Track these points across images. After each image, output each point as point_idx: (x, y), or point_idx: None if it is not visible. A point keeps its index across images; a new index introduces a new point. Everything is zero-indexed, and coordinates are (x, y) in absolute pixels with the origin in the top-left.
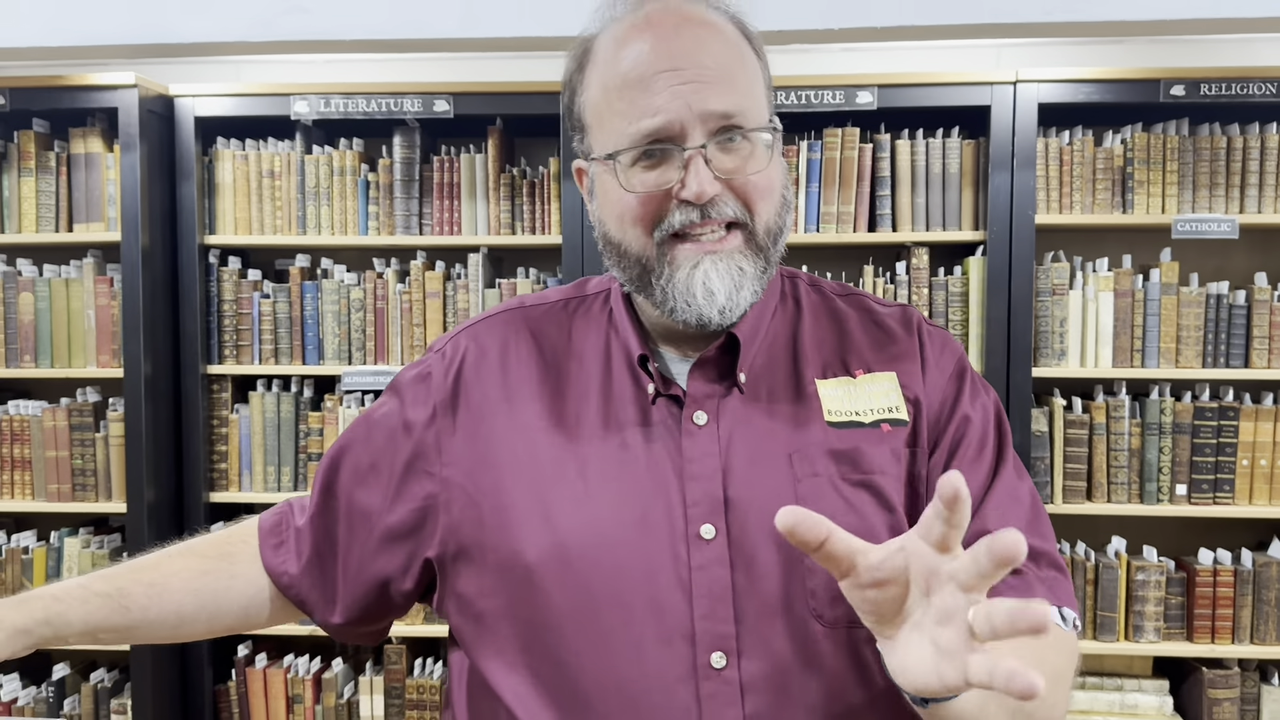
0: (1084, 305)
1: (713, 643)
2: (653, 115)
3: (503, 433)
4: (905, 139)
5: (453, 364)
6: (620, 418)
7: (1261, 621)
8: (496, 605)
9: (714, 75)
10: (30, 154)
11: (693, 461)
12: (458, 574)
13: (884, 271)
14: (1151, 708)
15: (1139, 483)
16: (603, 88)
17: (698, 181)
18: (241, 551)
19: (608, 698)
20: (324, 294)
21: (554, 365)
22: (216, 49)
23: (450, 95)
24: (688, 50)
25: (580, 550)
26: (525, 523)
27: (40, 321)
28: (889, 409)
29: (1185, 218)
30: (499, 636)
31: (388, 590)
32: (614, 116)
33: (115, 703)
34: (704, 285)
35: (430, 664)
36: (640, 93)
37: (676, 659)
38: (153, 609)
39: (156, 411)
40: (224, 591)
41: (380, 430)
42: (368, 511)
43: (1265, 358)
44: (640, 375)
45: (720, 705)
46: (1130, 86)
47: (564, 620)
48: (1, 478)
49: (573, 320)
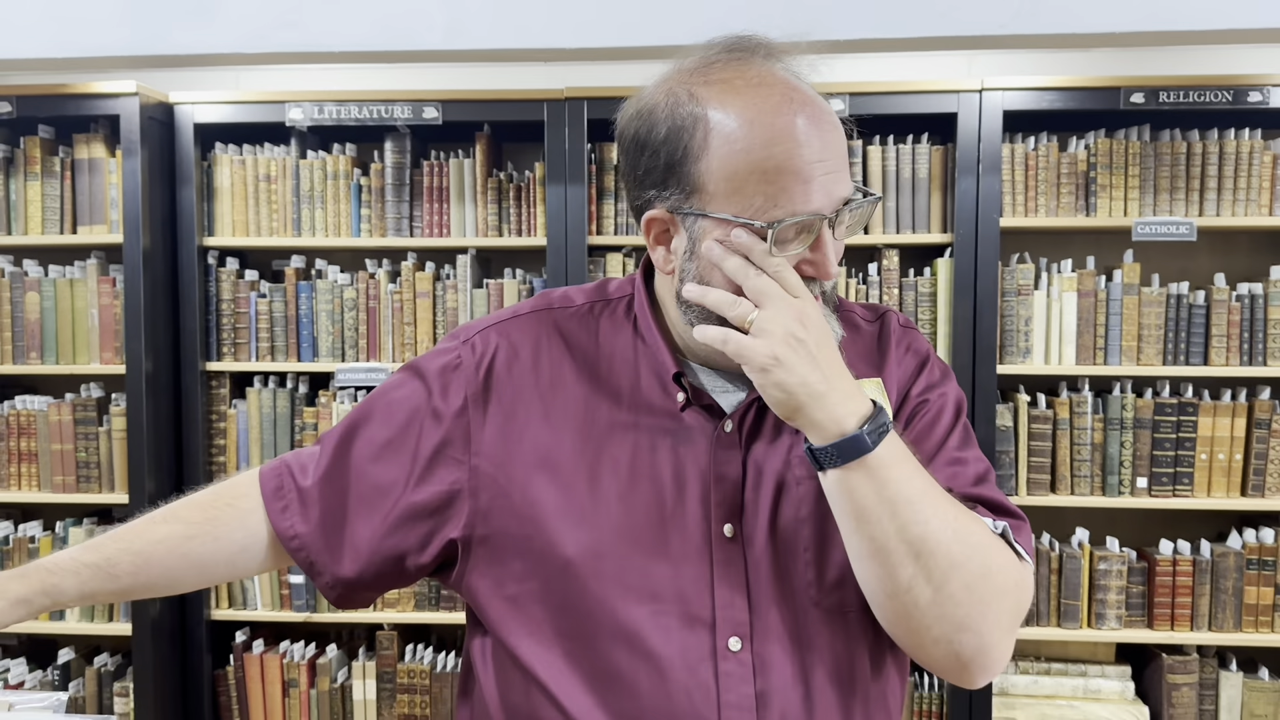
0: (1048, 305)
1: (730, 629)
2: (812, 202)
3: (537, 430)
4: (876, 145)
5: (484, 358)
6: (649, 423)
7: (1219, 609)
8: (530, 589)
9: (841, 164)
10: (36, 159)
11: (720, 465)
12: (484, 557)
13: (857, 272)
14: (1114, 692)
15: (1101, 476)
16: (746, 159)
17: (831, 262)
18: (224, 515)
19: (638, 675)
20: (318, 294)
21: (585, 368)
22: (214, 59)
23: (439, 102)
24: (831, 143)
25: (614, 546)
26: (563, 520)
27: (46, 320)
28: None
29: (1145, 220)
30: (532, 618)
31: (403, 563)
32: (757, 195)
33: (118, 685)
34: None
35: (421, 650)
36: (794, 180)
37: (698, 642)
38: (141, 574)
39: (157, 406)
40: (208, 554)
41: (401, 410)
42: (385, 487)
43: (1224, 355)
44: (668, 385)
45: (736, 682)
46: (1092, 94)
47: (598, 606)
48: (9, 470)
49: (599, 324)
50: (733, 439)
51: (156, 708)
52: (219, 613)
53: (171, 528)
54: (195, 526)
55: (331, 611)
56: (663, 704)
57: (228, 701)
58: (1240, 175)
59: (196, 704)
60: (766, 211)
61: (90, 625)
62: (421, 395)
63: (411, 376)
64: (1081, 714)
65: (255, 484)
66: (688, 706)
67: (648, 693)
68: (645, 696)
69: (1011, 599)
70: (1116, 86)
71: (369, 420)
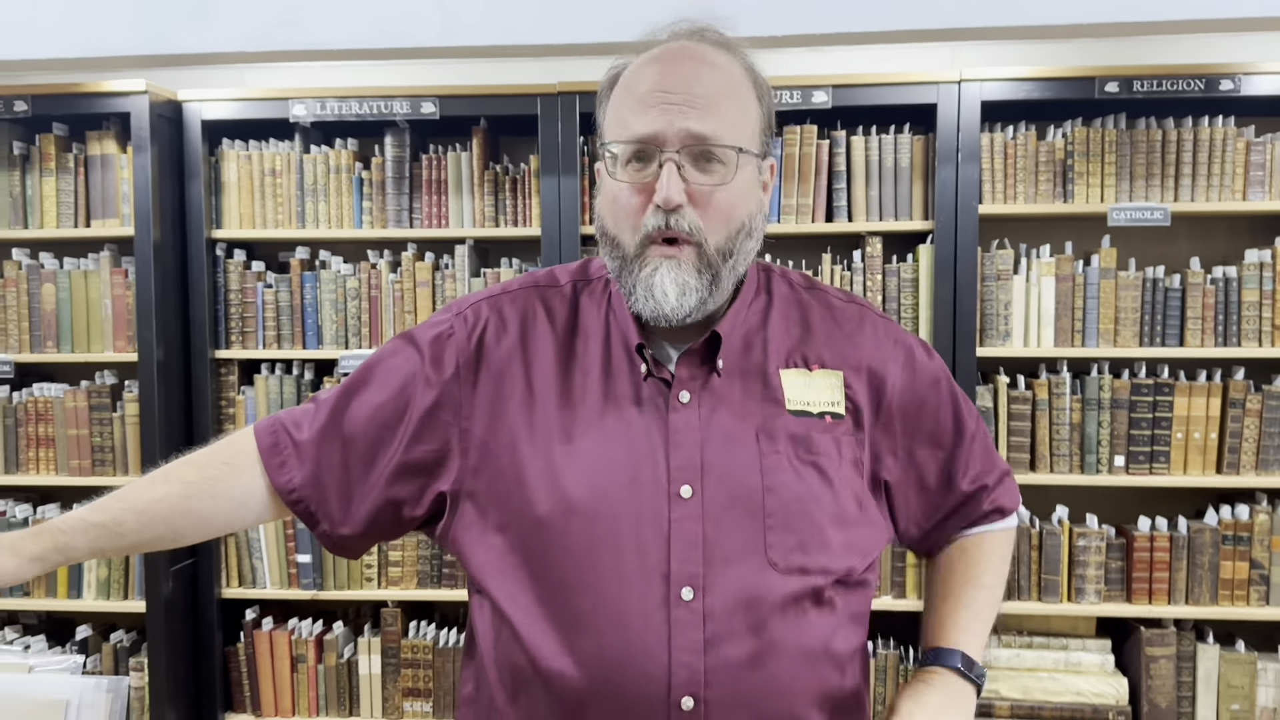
0: (1027, 289)
1: (683, 580)
2: (644, 125)
3: (521, 397)
4: (860, 135)
5: (475, 329)
6: (618, 392)
7: (1196, 584)
8: (508, 540)
9: (700, 103)
10: (51, 156)
11: (677, 433)
12: (469, 510)
13: (841, 259)
14: (1094, 665)
15: (1080, 455)
16: (619, 101)
17: (666, 187)
18: (221, 474)
19: (600, 619)
20: (322, 284)
21: (565, 342)
22: (219, 58)
23: (436, 97)
24: (683, 79)
25: (582, 504)
26: (537, 480)
27: (61, 310)
28: (831, 403)
29: (1120, 206)
30: (508, 567)
31: (399, 513)
32: (617, 124)
33: (133, 660)
34: (659, 286)
35: (424, 626)
36: (638, 105)
37: (654, 591)
38: (145, 531)
39: (169, 393)
40: (207, 510)
41: (397, 376)
42: (382, 444)
43: (1199, 337)
44: (635, 357)
45: (686, 629)
46: (1068, 84)
47: (566, 557)
48: (28, 454)
49: (579, 301)
50: (691, 408)
51: (170, 682)
52: (229, 591)
53: (171, 488)
54: (193, 486)
55: (338, 590)
56: (621, 647)
57: (239, 676)
58: (1214, 162)
59: (209, 679)
60: (615, 136)
61: (106, 603)
62: (416, 362)
63: (406, 344)
64: (1063, 686)
65: (251, 441)
66: (642, 648)
67: (609, 636)
68: (606, 639)
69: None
70: (1091, 76)
71: (366, 384)
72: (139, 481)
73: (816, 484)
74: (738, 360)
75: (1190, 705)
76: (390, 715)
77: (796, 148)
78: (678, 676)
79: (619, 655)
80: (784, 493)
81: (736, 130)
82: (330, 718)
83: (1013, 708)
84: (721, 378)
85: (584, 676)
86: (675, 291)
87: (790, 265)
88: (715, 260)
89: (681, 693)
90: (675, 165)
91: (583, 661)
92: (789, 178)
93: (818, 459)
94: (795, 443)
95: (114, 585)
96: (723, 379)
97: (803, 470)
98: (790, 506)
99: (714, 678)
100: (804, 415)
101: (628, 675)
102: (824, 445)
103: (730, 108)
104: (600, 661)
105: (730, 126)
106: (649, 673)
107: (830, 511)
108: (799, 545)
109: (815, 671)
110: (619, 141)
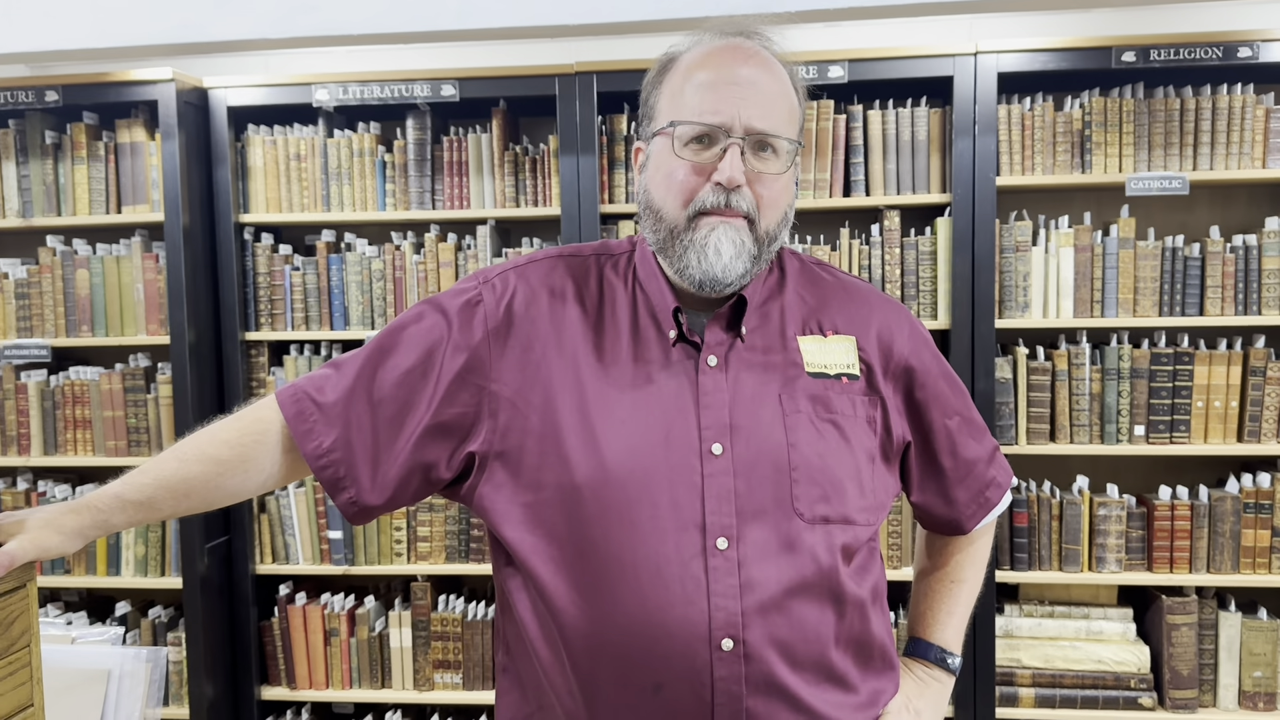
0: (1046, 260)
1: (718, 530)
2: (713, 112)
3: (552, 362)
4: (876, 109)
5: (504, 297)
6: (648, 357)
7: (1217, 552)
8: (543, 500)
9: (762, 99)
10: (82, 144)
11: (706, 394)
12: (499, 469)
13: (859, 234)
14: (1116, 633)
15: (1099, 425)
16: (679, 85)
17: (730, 168)
18: (253, 450)
19: (640, 571)
20: (348, 266)
21: (593, 310)
22: (243, 45)
23: (456, 80)
24: (749, 77)
25: (621, 467)
26: (574, 444)
27: (95, 295)
28: (847, 365)
29: (1139, 176)
30: (545, 526)
31: (428, 475)
32: (683, 106)
33: (171, 635)
34: (715, 246)
35: (453, 599)
36: (709, 92)
37: (690, 542)
38: (181, 506)
39: (201, 375)
40: (239, 484)
41: (424, 341)
42: (410, 407)
43: (1218, 305)
44: (662, 323)
45: (722, 575)
46: (1084, 54)
47: (606, 515)
48: (66, 436)
49: (603, 272)
50: (719, 371)
51: (207, 656)
52: (263, 567)
53: (205, 467)
54: (225, 464)
55: (368, 565)
56: (663, 595)
57: (273, 650)
58: (1233, 130)
59: (244, 652)
60: (682, 116)
61: (144, 580)
62: (443, 328)
63: (433, 310)
64: (1084, 654)
65: (275, 410)
66: (682, 594)
67: (650, 587)
68: (648, 590)
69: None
70: (1108, 46)
71: (394, 349)
72: (170, 457)
73: (835, 441)
74: (759, 328)
75: (1212, 673)
76: (422, 687)
77: (814, 123)
78: (716, 620)
79: (661, 603)
80: (806, 449)
81: (789, 127)
82: (363, 689)
83: (1034, 676)
84: (745, 344)
85: (628, 627)
86: (730, 251)
87: (809, 241)
88: (763, 238)
89: (721, 635)
90: (739, 150)
91: (626, 613)
92: (806, 153)
93: (835, 417)
94: (815, 402)
95: (151, 562)
96: (745, 345)
97: (823, 428)
98: (813, 461)
99: (750, 620)
100: (822, 377)
101: (670, 622)
102: (841, 405)
103: (783, 106)
104: (644, 611)
105: (785, 122)
106: (689, 618)
107: (848, 466)
108: (822, 497)
109: (841, 615)
110: (687, 122)
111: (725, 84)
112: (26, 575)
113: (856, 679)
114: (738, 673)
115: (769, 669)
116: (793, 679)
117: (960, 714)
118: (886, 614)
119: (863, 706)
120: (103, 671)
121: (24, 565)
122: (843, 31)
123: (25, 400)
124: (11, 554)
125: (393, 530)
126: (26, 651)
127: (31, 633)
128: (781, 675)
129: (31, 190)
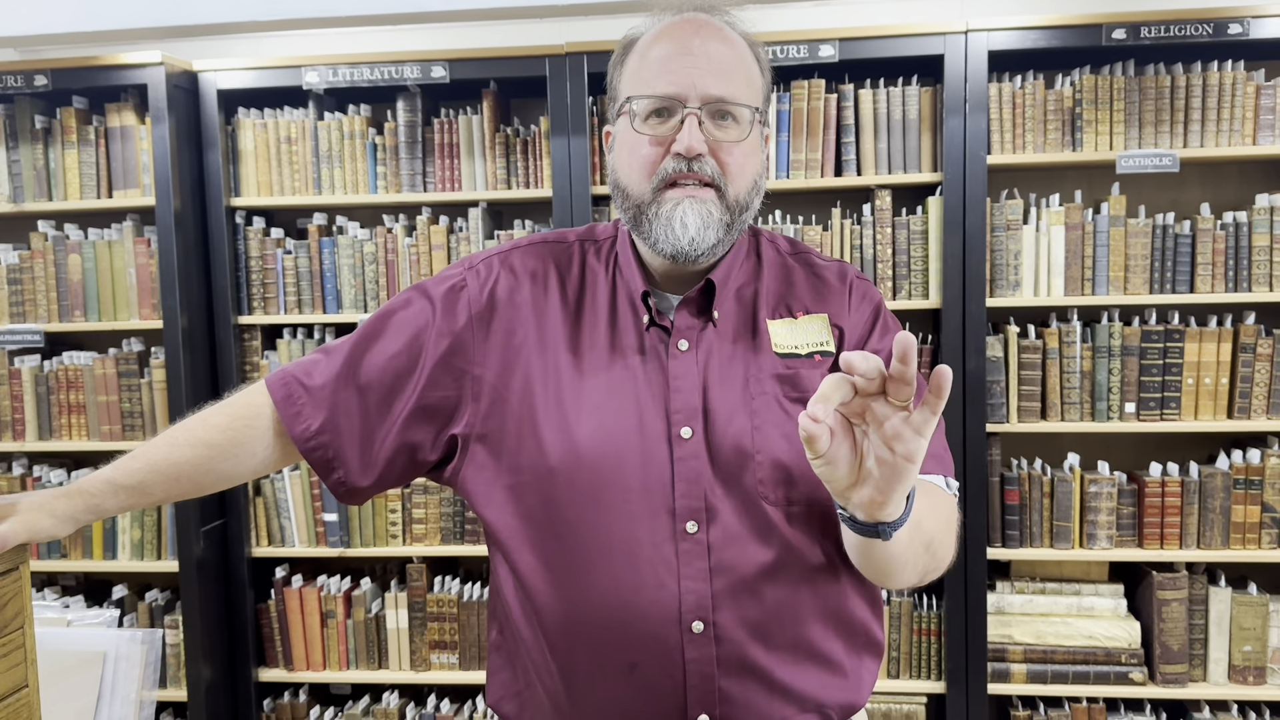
0: (1037, 238)
1: (687, 515)
2: (668, 84)
3: (533, 347)
4: (867, 88)
5: (487, 282)
6: (623, 343)
7: (1207, 528)
8: (520, 484)
9: (717, 68)
10: (72, 128)
11: (677, 378)
12: (480, 451)
13: (851, 213)
14: (1107, 609)
15: (1090, 402)
16: (637, 64)
17: (689, 136)
18: (243, 435)
19: (613, 555)
20: (340, 249)
21: (573, 297)
22: (233, 28)
23: (446, 61)
24: (703, 45)
25: (592, 451)
26: (549, 428)
27: (88, 280)
28: (821, 342)
29: (1129, 153)
30: (521, 507)
31: (414, 456)
32: (639, 82)
33: (168, 619)
34: (681, 220)
35: (449, 581)
36: (663, 65)
37: (661, 525)
38: (173, 491)
39: (194, 359)
40: (229, 468)
41: (409, 326)
42: (396, 391)
43: (1209, 283)
44: (639, 308)
45: (692, 559)
46: (1074, 32)
47: (579, 499)
48: (60, 421)
49: (586, 258)
50: (689, 355)
51: (204, 639)
52: (259, 550)
53: (196, 451)
54: (216, 449)
55: (364, 547)
56: (634, 579)
57: (270, 633)
58: (1224, 107)
59: (241, 635)
60: (638, 92)
61: (140, 564)
62: (428, 313)
63: (419, 296)
64: (1075, 630)
65: (265, 395)
66: (653, 578)
67: (622, 571)
68: (620, 574)
69: (956, 530)
70: (1098, 23)
71: (380, 335)
72: (162, 442)
73: None
74: (731, 312)
75: (1202, 647)
76: (418, 667)
77: (805, 102)
78: (686, 603)
79: (633, 586)
80: (771, 430)
81: (748, 94)
82: (360, 670)
83: (1026, 652)
84: (716, 328)
85: (602, 609)
86: (697, 223)
87: (800, 221)
88: (734, 206)
89: (691, 618)
90: (696, 119)
91: (601, 595)
92: (797, 133)
93: (806, 395)
94: (782, 383)
95: (147, 546)
96: (717, 329)
97: (790, 408)
98: (778, 444)
99: (720, 602)
100: (792, 357)
101: (642, 604)
102: (812, 382)
103: (740, 74)
104: (618, 593)
105: (743, 89)
106: (660, 601)
107: None
108: (786, 479)
109: (814, 594)
110: (642, 96)
111: (679, 55)
112: (19, 558)
113: (842, 656)
114: (709, 654)
115: (741, 651)
116: (768, 659)
117: (952, 690)
118: (870, 591)
119: (851, 688)
120: (98, 654)
121: (17, 548)
122: (834, 10)
123: (19, 385)
124: (3, 536)
125: (388, 513)
126: (20, 633)
127: (25, 614)
128: (755, 656)
129: (22, 175)
